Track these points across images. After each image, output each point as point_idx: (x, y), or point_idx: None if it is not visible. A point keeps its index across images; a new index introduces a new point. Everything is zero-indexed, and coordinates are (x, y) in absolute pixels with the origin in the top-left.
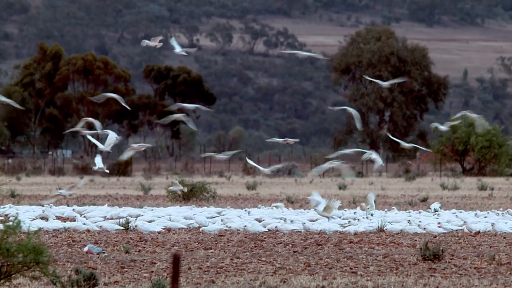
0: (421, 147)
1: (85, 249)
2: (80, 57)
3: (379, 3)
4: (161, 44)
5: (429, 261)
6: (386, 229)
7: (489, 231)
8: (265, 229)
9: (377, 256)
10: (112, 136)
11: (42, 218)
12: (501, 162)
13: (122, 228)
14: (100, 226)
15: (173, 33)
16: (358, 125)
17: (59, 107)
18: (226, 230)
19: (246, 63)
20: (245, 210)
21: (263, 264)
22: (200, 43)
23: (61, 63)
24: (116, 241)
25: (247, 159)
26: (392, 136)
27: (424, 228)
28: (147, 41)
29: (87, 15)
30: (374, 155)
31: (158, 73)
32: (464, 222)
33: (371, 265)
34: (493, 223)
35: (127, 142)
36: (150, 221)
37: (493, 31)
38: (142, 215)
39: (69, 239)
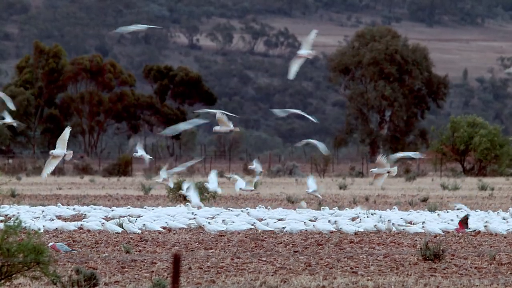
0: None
1: (50, 244)
2: (86, 58)
3: (379, 3)
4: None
5: (430, 261)
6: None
7: (485, 226)
8: (271, 229)
9: (378, 256)
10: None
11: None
12: (502, 162)
13: (122, 229)
14: (103, 223)
15: (173, 33)
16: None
17: (59, 107)
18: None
19: (247, 63)
20: (244, 210)
21: (263, 264)
22: (200, 43)
23: (63, 63)
24: (116, 241)
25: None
26: (393, 136)
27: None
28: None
29: (87, 15)
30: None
31: (158, 72)
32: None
33: (371, 265)
34: (488, 223)
35: (127, 142)
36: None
37: (493, 31)
38: (142, 215)
39: (70, 239)
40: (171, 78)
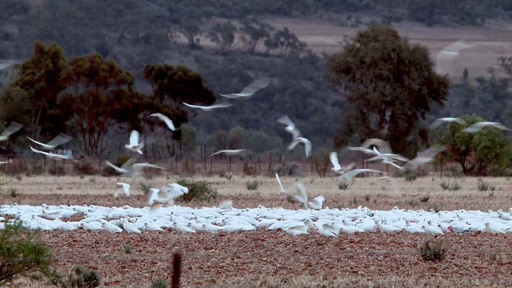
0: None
1: None
2: (86, 59)
3: (379, 3)
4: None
5: (430, 261)
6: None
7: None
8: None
9: (378, 256)
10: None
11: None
12: (502, 162)
13: (122, 229)
14: (103, 223)
15: (173, 32)
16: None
17: (59, 107)
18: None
19: (247, 63)
20: (243, 210)
21: (263, 264)
22: (201, 43)
23: (62, 63)
24: (116, 241)
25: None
26: (393, 135)
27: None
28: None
29: (87, 15)
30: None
31: (159, 72)
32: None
33: (372, 264)
34: (487, 223)
35: (127, 142)
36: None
37: (493, 31)
38: (141, 216)
39: (70, 238)
40: (172, 77)
